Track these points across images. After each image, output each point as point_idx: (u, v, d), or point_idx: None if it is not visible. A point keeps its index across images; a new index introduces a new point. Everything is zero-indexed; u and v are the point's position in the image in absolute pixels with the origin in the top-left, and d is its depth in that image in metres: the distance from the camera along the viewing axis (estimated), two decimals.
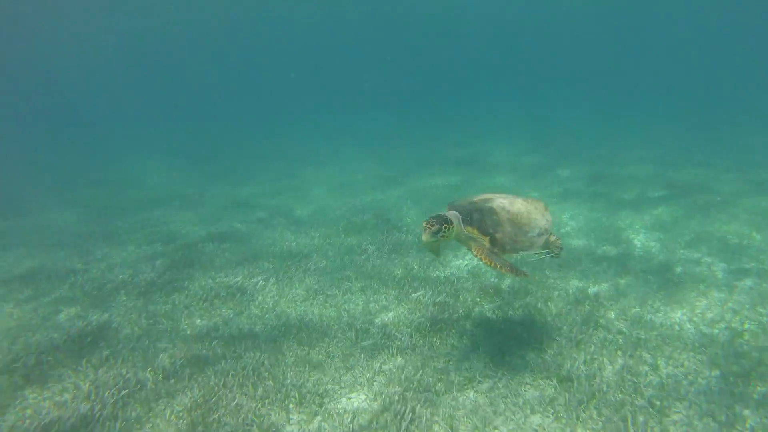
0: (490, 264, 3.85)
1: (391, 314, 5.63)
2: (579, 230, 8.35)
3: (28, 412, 4.14)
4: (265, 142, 24.25)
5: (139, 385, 4.45)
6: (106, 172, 18.26)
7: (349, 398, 4.20)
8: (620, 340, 4.81)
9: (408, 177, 13.99)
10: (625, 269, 6.53)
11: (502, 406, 3.97)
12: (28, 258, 8.55)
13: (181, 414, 4.04)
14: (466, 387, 4.25)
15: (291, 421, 3.92)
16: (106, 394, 4.29)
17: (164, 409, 4.12)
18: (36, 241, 9.65)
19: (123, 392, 4.31)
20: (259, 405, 4.08)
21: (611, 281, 6.21)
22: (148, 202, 12.77)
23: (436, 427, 3.75)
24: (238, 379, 4.42)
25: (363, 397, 4.21)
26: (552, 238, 4.50)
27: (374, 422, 3.83)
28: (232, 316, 5.82)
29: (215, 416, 3.95)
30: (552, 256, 4.63)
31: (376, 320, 5.51)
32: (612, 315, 5.34)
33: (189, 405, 4.14)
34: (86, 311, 6.13)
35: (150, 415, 4.07)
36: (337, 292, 6.25)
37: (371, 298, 6.03)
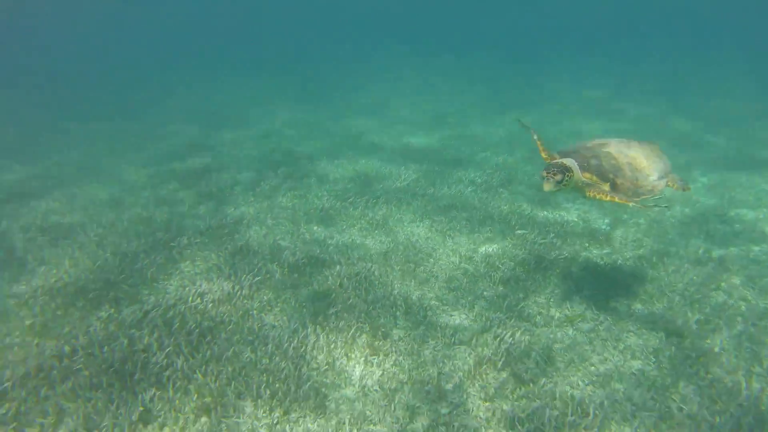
0: (610, 199, 3.73)
1: (495, 246, 5.75)
2: (711, 188, 7.60)
3: (186, 281, 5.02)
4: (357, 68, 23.44)
5: (268, 275, 5.13)
6: (213, 87, 19.53)
7: (451, 315, 4.52)
8: (743, 307, 4.53)
9: (511, 113, 13.36)
10: (762, 236, 5.94)
11: (601, 347, 4.05)
12: (170, 156, 9.78)
13: (304, 304, 4.64)
14: (565, 324, 4.36)
15: (398, 326, 4.35)
16: (243, 278, 5.03)
17: (290, 298, 4.76)
18: (173, 142, 10.94)
19: (257, 278, 5.02)
20: (371, 308, 4.55)
21: (742, 246, 5.71)
22: (260, 117, 13.62)
23: (533, 354, 3.95)
24: (353, 283, 4.92)
25: (464, 316, 4.50)
26: (672, 178, 4.16)
27: (474, 340, 4.13)
28: (345, 227, 6.33)
29: (334, 311, 4.49)
30: (666, 207, 4.31)
31: (480, 249, 5.68)
32: (737, 281, 4.99)
33: (311, 297, 4.73)
34: (222, 206, 7.01)
35: (278, 301, 4.73)
36: (443, 218, 6.46)
37: (476, 229, 6.17)
